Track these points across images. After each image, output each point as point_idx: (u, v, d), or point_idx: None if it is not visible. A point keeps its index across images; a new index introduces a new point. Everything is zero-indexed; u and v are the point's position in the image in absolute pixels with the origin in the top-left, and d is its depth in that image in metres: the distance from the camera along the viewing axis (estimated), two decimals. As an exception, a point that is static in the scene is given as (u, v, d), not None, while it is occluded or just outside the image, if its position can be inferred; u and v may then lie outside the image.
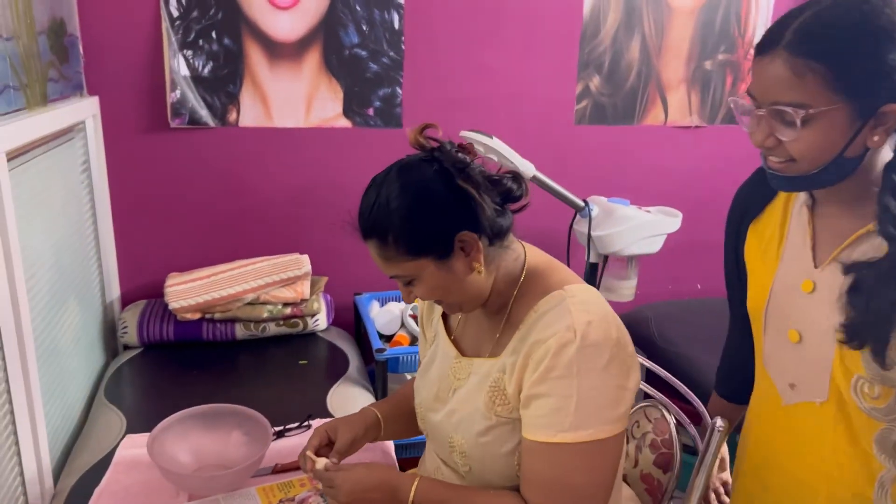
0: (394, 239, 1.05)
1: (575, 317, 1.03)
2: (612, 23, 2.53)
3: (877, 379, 0.97)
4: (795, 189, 1.06)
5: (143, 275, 2.35)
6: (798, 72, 0.91)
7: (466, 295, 1.11)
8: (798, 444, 1.10)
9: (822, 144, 0.93)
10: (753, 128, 0.98)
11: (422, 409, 1.26)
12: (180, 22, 2.16)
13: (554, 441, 1.02)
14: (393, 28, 2.33)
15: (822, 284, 1.03)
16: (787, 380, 1.10)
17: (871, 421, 1.00)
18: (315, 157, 2.39)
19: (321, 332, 2.29)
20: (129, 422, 1.73)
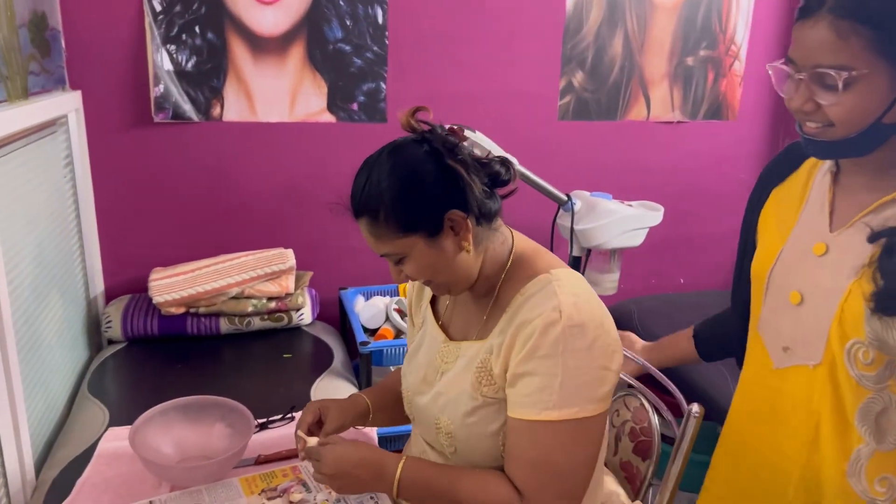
0: (384, 216, 1.07)
1: (561, 298, 1.05)
2: (595, 18, 2.55)
3: (874, 344, 0.98)
4: (829, 156, 1.06)
5: (127, 269, 2.35)
6: (842, 34, 0.92)
7: (455, 275, 1.13)
8: (783, 406, 1.10)
9: (861, 109, 0.94)
10: (792, 93, 1.00)
11: (409, 394, 1.28)
12: (163, 16, 2.16)
13: (538, 419, 1.05)
14: (377, 23, 2.34)
15: (834, 247, 1.05)
16: (781, 343, 1.11)
17: (860, 389, 1.01)
18: (299, 151, 2.40)
19: (306, 326, 2.29)
20: (113, 415, 1.73)
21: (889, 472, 1.01)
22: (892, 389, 0.99)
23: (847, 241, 1.04)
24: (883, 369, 0.99)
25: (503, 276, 1.16)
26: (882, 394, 1.00)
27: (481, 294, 1.19)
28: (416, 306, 1.36)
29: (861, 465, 1.03)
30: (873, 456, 1.02)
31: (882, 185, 1.01)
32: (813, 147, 1.02)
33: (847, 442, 1.03)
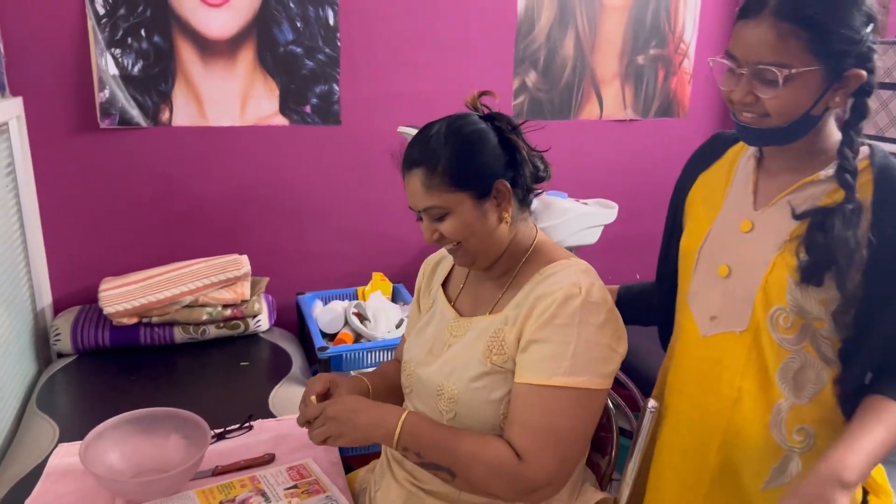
0: (442, 167, 1.13)
1: (580, 277, 1.13)
2: (547, 19, 2.57)
3: (794, 311, 1.10)
4: (762, 143, 1.15)
5: (76, 280, 2.29)
6: (783, 35, 1.01)
7: (486, 243, 1.18)
8: (711, 371, 1.20)
9: (795, 102, 1.04)
10: (732, 86, 1.09)
11: (412, 365, 1.29)
12: (107, 19, 2.11)
13: (548, 384, 1.09)
14: (328, 25, 2.32)
15: (759, 224, 1.15)
16: (709, 313, 1.20)
17: (781, 350, 1.13)
18: (252, 155, 2.36)
19: (263, 333, 2.26)
20: (63, 431, 1.68)
21: (806, 423, 1.13)
22: (807, 350, 1.12)
23: (770, 218, 1.15)
24: (800, 333, 1.11)
25: (524, 259, 1.22)
26: (799, 354, 1.12)
27: (498, 275, 1.24)
28: (424, 291, 1.40)
29: (782, 418, 1.14)
30: (792, 409, 1.14)
31: (802, 168, 1.12)
32: (747, 134, 1.12)
33: (769, 398, 1.14)
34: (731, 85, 1.09)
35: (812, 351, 1.12)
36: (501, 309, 1.19)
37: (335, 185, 2.47)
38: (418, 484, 1.23)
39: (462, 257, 1.21)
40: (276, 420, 1.62)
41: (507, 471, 1.09)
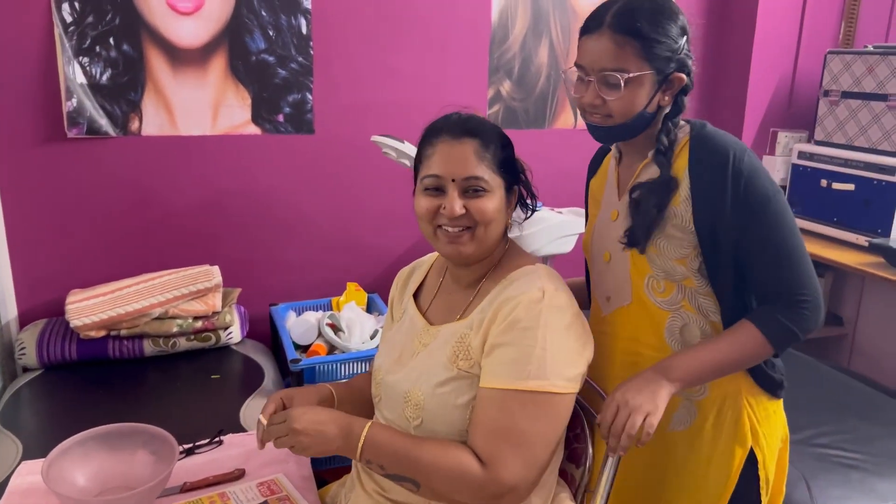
0: (494, 148, 1.18)
1: (545, 281, 1.15)
2: (521, 28, 2.58)
3: (661, 275, 1.28)
4: (609, 140, 1.34)
5: (43, 293, 2.24)
6: (620, 44, 1.18)
7: (494, 235, 1.19)
8: (612, 344, 1.36)
9: (633, 102, 1.21)
10: (582, 92, 1.24)
11: (380, 373, 1.28)
12: (74, 27, 2.07)
13: (511, 387, 1.08)
14: (301, 33, 2.30)
15: (621, 211, 1.33)
16: (605, 294, 1.38)
17: (661, 311, 1.30)
18: (224, 165, 2.33)
19: (235, 345, 2.23)
20: (27, 448, 1.64)
21: None
22: (686, 308, 1.29)
23: (625, 204, 1.31)
24: (676, 293, 1.28)
25: (495, 265, 1.23)
26: (679, 312, 1.29)
27: (466, 284, 1.25)
28: (397, 301, 1.39)
29: None
30: None
31: (642, 158, 1.30)
32: (598, 133, 1.28)
33: (663, 356, 1.27)
34: (581, 91, 1.24)
35: (691, 308, 1.29)
36: (468, 316, 1.19)
37: (308, 194, 2.45)
38: (386, 494, 1.22)
39: (466, 245, 1.18)
40: (247, 434, 1.59)
41: (470, 478, 1.07)
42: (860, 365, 2.93)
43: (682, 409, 1.34)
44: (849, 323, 2.99)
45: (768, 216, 1.21)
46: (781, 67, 2.87)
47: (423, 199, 1.19)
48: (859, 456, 1.82)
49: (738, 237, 1.22)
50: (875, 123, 2.54)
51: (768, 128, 2.91)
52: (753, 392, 1.33)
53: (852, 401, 2.13)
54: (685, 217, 1.24)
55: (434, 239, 1.21)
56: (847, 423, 1.98)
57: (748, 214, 1.21)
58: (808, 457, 1.81)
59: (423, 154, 1.23)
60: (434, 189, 1.18)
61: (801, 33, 2.85)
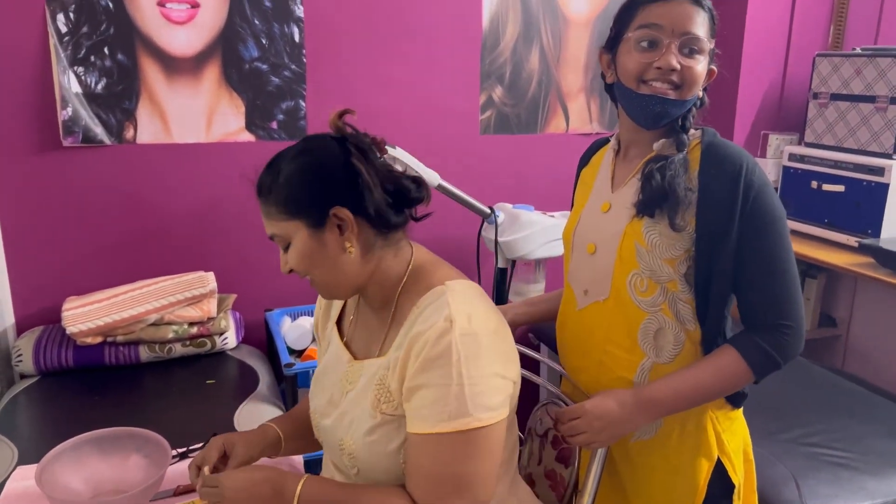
0: (276, 194, 1.10)
1: (453, 308, 1.06)
2: (511, 35, 2.60)
3: (646, 273, 1.25)
4: (662, 117, 1.24)
5: (39, 300, 2.26)
6: (698, 13, 1.19)
7: (334, 275, 1.13)
8: (585, 339, 1.35)
9: (701, 75, 1.22)
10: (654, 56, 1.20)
11: (316, 416, 1.26)
12: (69, 38, 2.10)
13: (434, 431, 1.04)
14: (293, 41, 2.33)
15: (615, 203, 1.31)
16: (582, 287, 1.35)
17: (639, 311, 1.27)
18: (218, 172, 2.36)
19: (231, 350, 2.24)
20: (22, 453, 1.65)
21: None
22: (664, 312, 1.26)
23: (622, 196, 1.30)
24: (657, 295, 1.25)
25: (400, 288, 1.16)
26: (656, 315, 1.26)
27: (377, 307, 1.19)
28: (322, 325, 1.35)
29: (645, 376, 1.28)
30: (653, 368, 1.27)
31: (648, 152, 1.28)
32: (658, 103, 1.22)
33: (633, 358, 1.28)
34: (652, 56, 1.20)
35: (669, 314, 1.26)
36: (387, 351, 1.14)
37: (303, 200, 2.47)
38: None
39: (318, 288, 1.17)
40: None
41: None
42: (854, 366, 2.94)
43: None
44: (842, 324, 3.00)
45: (771, 235, 1.20)
46: (771, 70, 2.89)
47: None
48: (849, 454, 1.83)
49: (737, 250, 1.20)
50: (864, 125, 2.56)
51: (759, 130, 2.93)
52: (718, 404, 1.32)
53: (844, 401, 2.14)
54: (686, 219, 1.22)
55: None
56: (838, 423, 1.99)
57: (752, 229, 1.19)
58: (798, 456, 1.83)
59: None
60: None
61: (791, 36, 2.87)
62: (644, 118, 1.26)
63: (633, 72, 1.22)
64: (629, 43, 1.23)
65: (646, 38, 1.20)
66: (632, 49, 1.23)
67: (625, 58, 1.25)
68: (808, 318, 3.01)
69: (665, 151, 1.26)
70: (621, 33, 1.26)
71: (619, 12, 1.27)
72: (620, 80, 1.27)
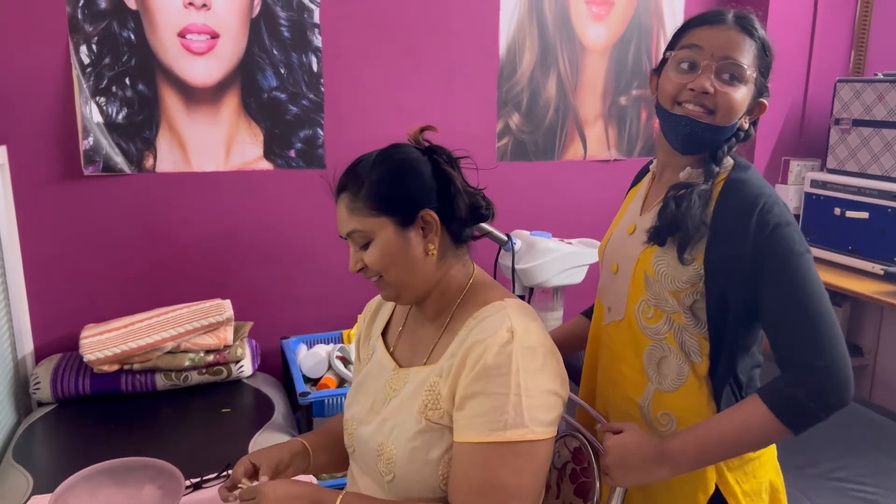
0: (366, 191, 1.10)
1: (514, 321, 1.07)
2: (528, 63, 2.61)
3: (652, 301, 1.24)
4: (695, 139, 1.20)
5: (59, 328, 2.27)
6: (743, 40, 1.17)
7: (409, 276, 1.13)
8: (607, 355, 1.35)
9: (740, 104, 1.18)
10: (691, 77, 1.18)
11: (353, 424, 1.23)
12: (91, 69, 2.13)
13: (488, 441, 1.02)
14: (311, 71, 2.35)
15: (639, 226, 1.30)
16: (607, 304, 1.35)
17: (645, 338, 1.26)
18: (236, 200, 2.37)
19: (247, 378, 2.23)
20: (37, 482, 1.65)
21: (668, 409, 1.24)
22: (669, 341, 1.23)
23: (645, 221, 1.29)
24: (662, 323, 1.23)
25: (459, 300, 1.16)
26: (661, 343, 1.24)
27: (431, 317, 1.19)
28: (364, 339, 1.35)
29: (648, 401, 1.26)
30: (655, 394, 1.25)
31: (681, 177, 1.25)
32: (688, 125, 1.19)
33: (640, 381, 1.27)
34: (689, 77, 1.18)
35: (674, 343, 1.23)
36: (437, 358, 1.13)
37: (320, 228, 2.47)
38: None
39: (385, 290, 1.17)
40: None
41: None
42: (882, 396, 2.87)
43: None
44: (868, 353, 2.94)
45: (792, 271, 1.10)
46: (792, 96, 2.87)
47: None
48: (879, 490, 1.79)
49: (755, 291, 1.14)
50: (888, 151, 2.52)
51: (780, 157, 2.90)
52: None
53: (871, 433, 2.08)
54: (694, 254, 1.18)
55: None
56: (866, 457, 1.93)
57: (770, 267, 1.12)
58: (826, 491, 1.78)
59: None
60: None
61: (811, 62, 2.85)
62: (675, 139, 1.23)
63: (669, 92, 1.21)
64: (670, 63, 1.22)
65: (685, 59, 1.19)
66: (671, 69, 1.22)
67: (664, 78, 1.23)
68: (834, 346, 2.94)
69: (692, 179, 1.23)
70: (664, 58, 1.25)
71: (673, 35, 1.25)
72: (659, 100, 1.26)
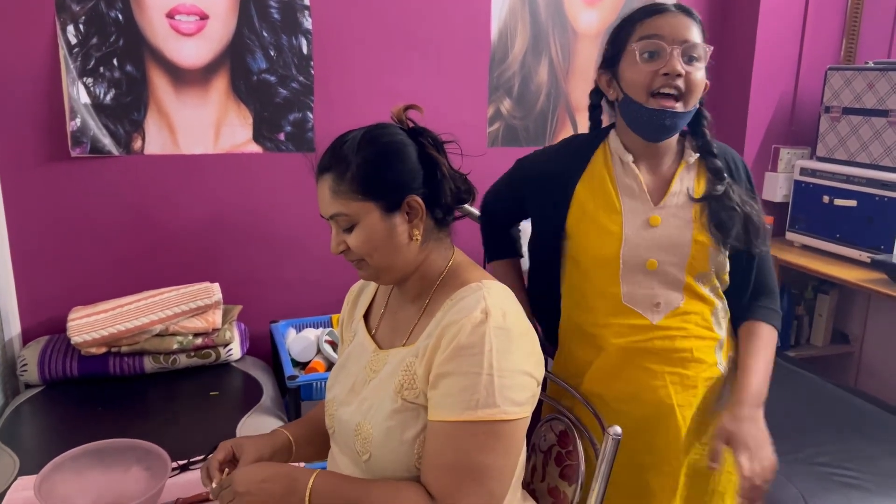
0: (352, 174, 1.08)
1: (489, 302, 1.07)
2: (520, 47, 2.60)
3: (714, 272, 1.37)
4: (674, 129, 1.31)
5: (46, 310, 2.26)
6: (694, 23, 1.27)
7: (392, 260, 1.13)
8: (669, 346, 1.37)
9: (702, 81, 1.28)
10: (660, 63, 1.25)
11: (334, 405, 1.24)
12: (79, 49, 2.11)
13: (459, 419, 1.03)
14: (301, 53, 2.33)
15: (665, 216, 1.35)
16: (652, 302, 1.37)
17: (709, 299, 1.38)
18: (225, 183, 2.36)
19: (236, 362, 2.23)
20: (24, 463, 1.65)
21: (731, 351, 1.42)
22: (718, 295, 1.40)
23: (670, 209, 1.35)
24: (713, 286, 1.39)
25: (438, 282, 1.17)
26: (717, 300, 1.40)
27: (411, 299, 1.20)
28: (347, 322, 1.35)
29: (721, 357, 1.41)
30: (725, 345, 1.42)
31: (662, 163, 1.37)
32: (672, 118, 1.28)
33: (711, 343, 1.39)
34: (659, 63, 1.25)
35: (720, 294, 1.41)
36: (416, 340, 1.14)
37: (309, 212, 2.46)
38: None
39: (365, 271, 1.17)
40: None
41: None
42: (868, 383, 2.89)
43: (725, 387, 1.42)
44: (855, 341, 2.96)
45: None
46: (782, 84, 2.87)
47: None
48: (861, 474, 1.80)
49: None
50: (876, 139, 2.53)
51: (770, 144, 2.90)
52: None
53: (856, 419, 2.10)
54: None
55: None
56: (850, 442, 1.95)
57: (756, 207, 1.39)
58: (809, 476, 1.79)
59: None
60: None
61: (802, 50, 2.85)
62: (649, 131, 1.31)
63: (642, 83, 1.26)
64: (632, 55, 1.28)
65: (649, 48, 1.26)
66: (636, 61, 1.27)
67: (630, 71, 1.28)
68: (821, 334, 2.97)
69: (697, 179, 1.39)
70: (621, 50, 1.30)
71: (615, 32, 1.33)
72: (628, 94, 1.29)
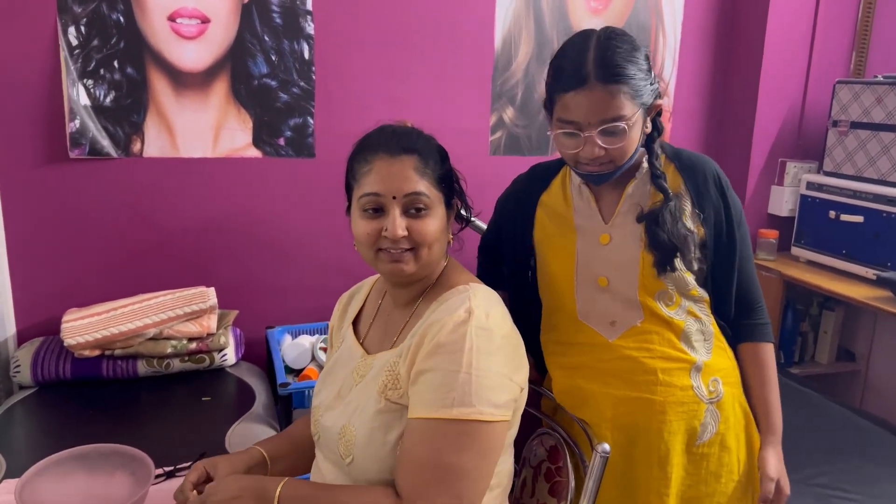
0: (433, 162, 1.15)
1: (473, 303, 1.09)
2: (524, 55, 2.58)
3: (674, 290, 1.34)
4: (605, 181, 1.32)
5: (41, 311, 2.25)
6: (613, 94, 1.19)
7: (434, 253, 1.15)
8: (630, 366, 1.35)
9: (632, 143, 1.25)
10: (577, 147, 1.24)
11: (319, 411, 1.24)
12: (80, 51, 2.11)
13: (434, 417, 1.02)
14: (303, 58, 2.32)
15: (614, 234, 1.36)
16: (607, 320, 1.37)
17: (676, 321, 1.34)
18: (224, 187, 2.35)
19: (230, 367, 2.21)
20: (11, 465, 1.63)
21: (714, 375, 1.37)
22: (691, 314, 1.36)
23: (620, 227, 1.35)
24: (683, 303, 1.35)
25: (429, 286, 1.19)
26: (688, 321, 1.35)
27: (403, 304, 1.21)
28: (336, 329, 1.36)
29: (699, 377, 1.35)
30: (704, 367, 1.36)
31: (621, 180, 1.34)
32: (596, 179, 1.30)
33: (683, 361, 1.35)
34: (576, 147, 1.24)
35: (695, 313, 1.36)
36: (402, 341, 1.15)
37: (308, 218, 2.46)
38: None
39: (409, 264, 1.13)
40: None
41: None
42: (874, 403, 2.84)
43: (706, 415, 1.36)
44: (861, 359, 2.92)
45: (745, 227, 1.38)
46: (790, 96, 2.84)
47: (362, 223, 1.14)
48: (859, 497, 1.77)
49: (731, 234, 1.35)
50: (884, 154, 2.50)
51: (777, 158, 2.87)
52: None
53: (859, 440, 2.06)
54: (696, 230, 1.33)
55: (375, 261, 1.16)
56: (850, 463, 1.92)
57: (736, 225, 1.35)
58: (807, 496, 1.76)
59: (356, 171, 1.17)
60: (373, 210, 1.13)
61: (811, 63, 2.82)
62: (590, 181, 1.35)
63: (568, 156, 1.29)
64: (555, 132, 1.27)
65: (566, 130, 1.24)
66: (559, 136, 1.27)
67: (556, 139, 1.29)
68: (826, 351, 2.93)
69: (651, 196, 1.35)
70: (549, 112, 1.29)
71: (547, 92, 1.29)
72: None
